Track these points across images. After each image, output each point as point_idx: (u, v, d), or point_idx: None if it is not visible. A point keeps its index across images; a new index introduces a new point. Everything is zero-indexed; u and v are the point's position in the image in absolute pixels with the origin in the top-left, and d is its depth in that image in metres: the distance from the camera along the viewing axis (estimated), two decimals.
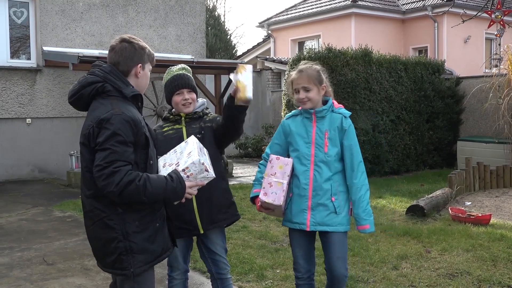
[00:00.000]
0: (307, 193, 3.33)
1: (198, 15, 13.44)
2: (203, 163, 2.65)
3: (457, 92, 12.25)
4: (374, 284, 4.60)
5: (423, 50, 18.96)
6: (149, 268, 2.71)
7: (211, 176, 2.71)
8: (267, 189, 3.29)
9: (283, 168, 3.32)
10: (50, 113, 11.38)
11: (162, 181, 2.58)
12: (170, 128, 3.45)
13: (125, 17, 12.27)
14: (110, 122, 2.53)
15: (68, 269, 5.13)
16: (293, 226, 3.40)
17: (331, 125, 3.36)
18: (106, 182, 2.48)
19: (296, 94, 3.39)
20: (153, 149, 2.76)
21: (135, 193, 2.50)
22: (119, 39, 2.75)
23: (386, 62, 11.12)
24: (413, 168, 11.58)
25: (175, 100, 3.42)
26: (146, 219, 2.66)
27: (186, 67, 3.53)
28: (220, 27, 28.83)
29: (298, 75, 3.39)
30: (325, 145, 3.34)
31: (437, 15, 17.85)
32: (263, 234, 6.21)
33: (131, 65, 2.72)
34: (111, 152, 2.50)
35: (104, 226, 2.61)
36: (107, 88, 2.65)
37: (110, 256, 2.63)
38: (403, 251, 5.49)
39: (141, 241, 2.63)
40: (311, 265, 3.51)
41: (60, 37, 11.47)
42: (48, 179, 10.85)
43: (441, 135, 11.96)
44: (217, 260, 3.48)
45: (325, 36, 18.70)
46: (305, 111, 3.41)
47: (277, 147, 3.50)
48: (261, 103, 16.12)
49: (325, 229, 3.33)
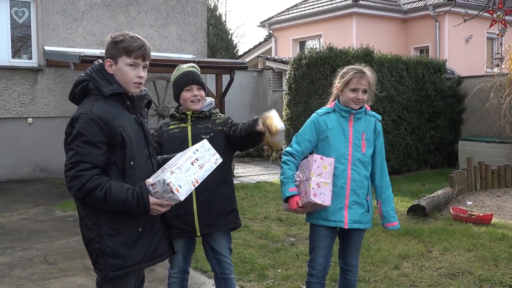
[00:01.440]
0: (345, 192, 3.39)
1: (199, 14, 13.44)
2: (168, 184, 2.44)
3: (458, 92, 12.23)
4: (376, 284, 4.60)
5: (424, 49, 18.94)
6: (125, 274, 2.59)
7: (177, 198, 2.48)
8: (316, 190, 3.26)
9: (327, 168, 3.32)
10: (51, 113, 11.38)
11: (122, 195, 2.45)
12: (176, 127, 3.41)
13: (126, 16, 12.27)
14: (77, 121, 2.49)
15: (70, 268, 5.14)
16: (329, 224, 3.41)
17: (367, 127, 3.47)
18: (70, 185, 2.47)
19: (354, 92, 3.39)
20: (136, 150, 2.61)
21: (96, 202, 2.46)
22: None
23: (388, 62, 11.11)
24: (414, 168, 11.58)
25: (184, 96, 3.39)
26: (124, 223, 2.56)
27: (195, 65, 3.52)
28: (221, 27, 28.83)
29: (363, 76, 3.41)
30: (363, 146, 3.43)
31: (439, 15, 17.83)
32: (264, 234, 6.21)
33: (104, 61, 2.65)
34: (75, 152, 2.46)
35: (85, 225, 2.59)
36: (90, 86, 2.60)
37: (91, 255, 2.62)
38: (405, 250, 5.49)
39: (115, 245, 2.54)
40: (328, 264, 3.55)
41: (62, 36, 11.47)
42: (49, 178, 10.85)
43: (442, 135, 11.94)
44: (221, 260, 3.49)
45: (326, 35, 18.69)
46: (343, 110, 3.43)
47: (308, 143, 3.45)
48: (262, 103, 16.12)
49: (359, 226, 3.46)
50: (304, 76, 10.86)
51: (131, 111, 2.68)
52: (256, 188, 9.37)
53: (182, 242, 3.41)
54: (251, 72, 16.17)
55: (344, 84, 3.41)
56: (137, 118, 2.71)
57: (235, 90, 14.27)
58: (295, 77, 11.05)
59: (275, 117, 3.06)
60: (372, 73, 3.49)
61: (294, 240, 6.02)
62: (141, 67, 2.65)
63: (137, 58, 2.62)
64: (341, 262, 3.62)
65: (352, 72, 3.42)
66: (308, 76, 10.82)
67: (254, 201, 8.21)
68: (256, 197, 8.49)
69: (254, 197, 8.41)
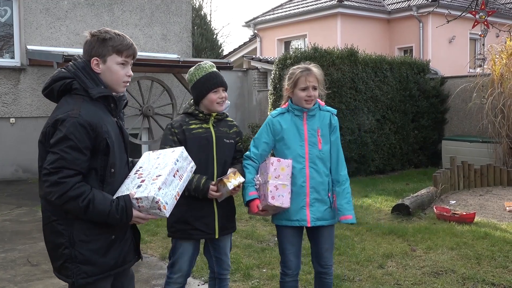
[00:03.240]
0: (305, 190, 3.39)
1: (184, 14, 13.40)
2: (157, 202, 2.42)
3: (441, 92, 12.35)
4: (360, 283, 4.62)
5: (408, 50, 19.09)
6: (96, 281, 2.52)
7: (163, 215, 2.47)
8: (274, 193, 3.28)
9: (285, 170, 3.33)
10: (34, 113, 11.27)
11: (105, 208, 2.39)
12: (198, 126, 3.36)
13: (111, 16, 12.19)
14: (64, 124, 2.36)
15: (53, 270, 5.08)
16: (292, 223, 3.42)
17: (322, 123, 3.46)
18: (49, 190, 2.35)
19: (304, 91, 3.38)
20: (118, 157, 2.56)
21: (76, 211, 2.38)
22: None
23: (372, 62, 11.17)
24: (398, 167, 11.66)
25: (212, 98, 3.36)
26: (98, 230, 2.48)
27: (214, 64, 3.51)
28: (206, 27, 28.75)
29: (310, 73, 3.41)
30: (319, 142, 3.42)
31: (422, 15, 17.99)
32: (250, 234, 6.21)
33: (88, 59, 2.53)
34: (59, 157, 2.34)
35: (53, 229, 2.49)
36: (75, 85, 2.48)
37: (58, 261, 2.52)
38: (389, 249, 5.52)
39: (87, 251, 2.47)
40: (300, 262, 3.57)
41: (45, 36, 11.36)
42: (32, 179, 10.74)
43: (426, 135, 12.05)
44: (222, 260, 3.52)
45: (311, 35, 18.74)
46: (296, 110, 3.43)
47: (265, 146, 3.47)
48: (247, 103, 16.12)
49: (323, 223, 3.44)
50: None
51: (113, 114, 2.62)
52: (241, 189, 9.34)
53: (192, 246, 3.40)
54: (236, 72, 16.14)
55: (293, 85, 3.42)
56: (118, 122, 2.65)
57: None
58: (280, 77, 11.05)
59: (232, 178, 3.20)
60: (318, 69, 3.48)
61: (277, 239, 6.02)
62: (129, 65, 2.61)
63: (128, 57, 2.57)
64: (316, 265, 3.56)
65: (298, 71, 3.43)
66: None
67: (239, 201, 8.18)
68: (240, 197, 8.48)
69: (239, 197, 8.39)
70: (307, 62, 3.60)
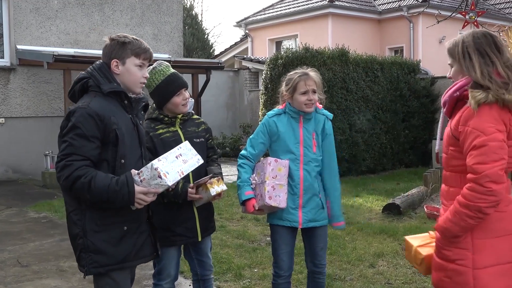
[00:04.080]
0: (298, 192, 3.41)
1: (175, 14, 13.37)
2: (156, 168, 2.49)
3: (432, 92, 12.41)
4: (351, 282, 4.64)
5: (399, 50, 19.17)
6: (109, 272, 2.60)
7: (164, 184, 2.51)
8: (271, 193, 3.30)
9: (282, 171, 3.35)
10: (24, 113, 11.20)
11: (106, 182, 2.48)
12: (165, 131, 3.31)
13: (101, 15, 12.14)
14: (73, 115, 2.53)
15: (43, 270, 5.06)
16: (284, 223, 3.43)
17: (317, 126, 3.49)
18: (59, 175, 2.49)
19: (304, 95, 3.38)
20: (128, 149, 2.64)
21: (81, 190, 2.47)
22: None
23: (363, 62, 11.21)
24: (389, 167, 11.71)
25: (176, 101, 3.28)
26: (109, 219, 2.58)
27: (169, 64, 3.41)
28: (197, 26, 28.73)
29: (309, 77, 3.42)
30: (314, 145, 3.45)
31: (413, 16, 18.06)
32: (241, 234, 6.21)
33: (108, 61, 2.68)
34: (68, 144, 2.49)
35: (71, 220, 2.62)
36: (90, 83, 2.64)
37: (76, 251, 2.64)
38: (380, 249, 5.55)
39: (99, 241, 2.56)
40: (292, 263, 3.59)
41: (35, 35, 11.29)
42: (22, 179, 10.67)
43: (416, 134, 12.11)
44: (204, 262, 3.52)
45: (302, 35, 18.76)
46: (292, 112, 3.45)
47: (261, 146, 3.48)
48: (239, 103, 16.12)
49: (315, 224, 3.47)
50: (280, 76, 10.77)
51: (128, 110, 2.73)
52: (232, 188, 9.32)
53: (176, 250, 3.40)
54: (228, 72, 16.14)
55: (293, 90, 3.42)
56: (133, 118, 2.75)
57: (212, 90, 14.22)
58: (272, 77, 11.07)
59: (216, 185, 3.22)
60: (316, 73, 3.50)
61: (270, 239, 6.02)
62: (146, 68, 2.78)
63: (145, 59, 2.73)
64: (310, 264, 3.58)
65: (296, 76, 3.44)
66: (284, 76, 10.84)
67: (231, 201, 8.20)
68: (232, 197, 8.47)
69: (231, 197, 8.39)
70: (304, 66, 3.63)
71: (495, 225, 2.49)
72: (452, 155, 2.59)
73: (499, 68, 2.47)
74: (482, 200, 2.37)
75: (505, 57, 2.51)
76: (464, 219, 2.43)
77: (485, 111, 2.41)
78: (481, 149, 2.38)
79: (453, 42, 2.66)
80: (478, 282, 2.48)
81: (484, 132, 2.39)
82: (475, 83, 2.48)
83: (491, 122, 2.40)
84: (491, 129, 2.39)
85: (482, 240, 2.49)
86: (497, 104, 2.42)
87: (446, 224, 2.51)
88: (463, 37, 2.60)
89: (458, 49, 2.60)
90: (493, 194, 2.37)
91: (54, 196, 8.70)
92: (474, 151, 2.40)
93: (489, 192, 2.36)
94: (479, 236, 2.49)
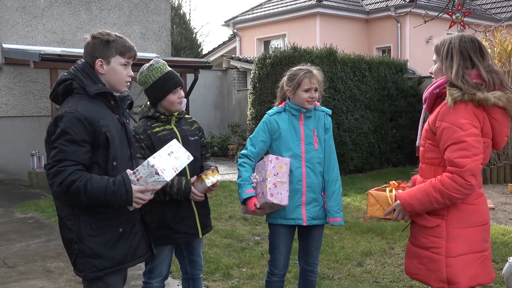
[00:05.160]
0: (302, 189, 3.41)
1: (163, 13, 13.32)
2: (152, 166, 2.50)
3: (419, 91, 12.48)
4: (339, 281, 4.65)
5: (386, 50, 19.27)
6: (106, 275, 2.60)
7: (162, 180, 2.52)
8: (273, 190, 3.28)
9: (283, 168, 3.34)
10: (10, 112, 11.09)
11: (103, 183, 2.45)
12: (162, 129, 3.32)
13: (88, 14, 12.06)
14: (62, 120, 2.48)
15: (30, 271, 5.02)
16: (288, 222, 3.43)
17: (318, 123, 3.51)
18: (52, 182, 2.45)
19: (307, 92, 3.40)
20: (119, 150, 2.63)
21: (77, 194, 2.43)
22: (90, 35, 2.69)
23: (351, 62, 11.25)
24: (377, 166, 11.76)
25: (171, 99, 3.29)
26: (104, 223, 2.57)
27: (165, 62, 3.43)
28: (185, 26, 28.66)
29: (313, 75, 3.43)
30: (315, 142, 3.46)
31: (400, 16, 18.17)
32: (230, 233, 6.21)
33: (92, 61, 2.63)
34: (59, 151, 2.44)
35: (64, 226, 2.60)
36: (74, 85, 2.59)
37: (71, 256, 2.62)
38: (368, 248, 5.57)
39: (96, 245, 2.54)
40: (288, 262, 3.59)
41: (21, 34, 11.19)
42: (8, 179, 10.54)
43: (404, 134, 12.17)
44: (194, 261, 3.52)
45: (290, 35, 18.80)
46: (293, 109, 3.46)
47: (262, 144, 3.48)
48: (227, 102, 16.10)
49: (318, 222, 3.48)
50: (268, 76, 10.89)
51: (115, 111, 2.70)
52: (220, 188, 9.34)
53: (171, 249, 3.39)
54: (216, 71, 16.12)
55: (296, 86, 3.43)
56: (120, 118, 2.73)
57: (200, 90, 14.20)
58: (260, 77, 11.07)
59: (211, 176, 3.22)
60: (320, 72, 3.53)
61: (259, 239, 6.03)
62: (130, 66, 2.72)
63: (130, 58, 2.69)
64: (302, 263, 3.60)
65: (302, 73, 3.45)
66: (272, 75, 10.85)
67: (219, 200, 8.19)
68: (221, 196, 8.47)
69: (219, 197, 8.39)
70: (308, 64, 3.64)
71: (469, 216, 2.68)
72: (428, 148, 2.76)
73: (481, 72, 2.62)
74: (458, 192, 2.56)
75: (487, 63, 2.67)
76: (432, 202, 2.64)
77: (461, 108, 2.58)
78: (461, 144, 2.54)
79: (441, 41, 2.79)
80: (450, 269, 2.67)
81: (461, 128, 2.55)
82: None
83: (467, 119, 2.56)
84: (468, 125, 2.55)
85: (456, 230, 2.68)
86: (473, 102, 2.58)
87: (411, 200, 2.73)
88: (451, 38, 2.75)
89: (444, 48, 2.74)
90: (470, 188, 2.56)
91: (41, 196, 8.63)
92: (454, 146, 2.56)
93: (468, 186, 2.55)
94: (453, 226, 2.68)
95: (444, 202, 2.60)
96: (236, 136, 14.23)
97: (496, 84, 2.62)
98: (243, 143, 12.03)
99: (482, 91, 2.56)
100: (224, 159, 13.59)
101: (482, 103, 2.57)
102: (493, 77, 2.63)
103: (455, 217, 2.67)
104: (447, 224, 2.68)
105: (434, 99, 2.75)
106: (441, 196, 2.59)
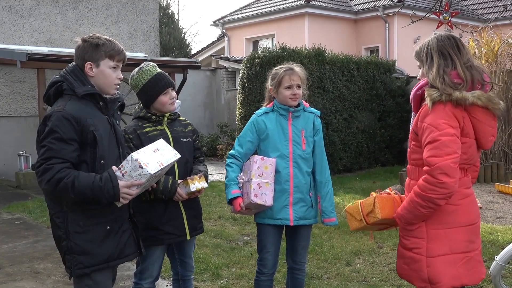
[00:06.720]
0: (289, 190, 3.42)
1: (152, 12, 13.28)
2: (136, 159, 2.54)
3: (407, 91, 12.54)
4: (328, 281, 4.67)
5: (374, 50, 19.35)
6: (93, 272, 2.64)
7: (146, 173, 2.56)
8: (257, 190, 3.29)
9: (268, 169, 3.35)
10: None
11: (90, 179, 2.51)
12: (153, 129, 3.32)
13: (76, 13, 11.98)
14: (50, 119, 2.54)
15: (17, 273, 4.98)
16: (275, 222, 3.43)
17: (307, 124, 3.52)
18: (40, 179, 2.50)
19: (289, 89, 3.41)
20: (107, 149, 2.68)
21: (65, 191, 2.48)
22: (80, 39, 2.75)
23: (339, 62, 11.29)
24: (365, 166, 11.81)
25: (163, 100, 3.30)
26: (92, 220, 2.62)
27: (155, 64, 3.45)
28: (174, 25, 28.55)
29: (294, 72, 3.45)
30: (303, 143, 3.47)
31: (388, 16, 18.25)
32: (219, 233, 6.20)
33: (82, 64, 2.69)
34: (47, 149, 2.50)
35: (54, 223, 2.67)
36: (64, 87, 2.66)
37: (61, 253, 2.68)
38: (356, 247, 5.59)
39: (82, 242, 2.59)
40: (277, 261, 3.60)
41: (7, 33, 11.09)
42: None
43: (392, 133, 12.24)
44: (186, 262, 3.52)
45: (279, 35, 18.82)
46: (281, 109, 3.46)
47: (249, 145, 3.49)
48: (216, 102, 16.08)
49: (305, 222, 3.48)
50: (257, 76, 10.90)
51: (104, 111, 2.75)
52: (210, 188, 9.32)
53: (162, 250, 3.38)
54: (205, 71, 16.09)
55: (278, 84, 3.45)
56: (110, 119, 2.77)
57: (188, 89, 14.16)
58: (249, 77, 11.08)
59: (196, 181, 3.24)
60: (301, 69, 3.54)
61: (248, 239, 6.04)
62: (120, 69, 2.79)
63: (119, 61, 2.75)
64: (289, 261, 3.62)
65: (282, 71, 3.47)
66: (261, 75, 10.85)
67: (208, 200, 8.18)
68: (210, 196, 8.46)
69: (208, 197, 8.38)
70: (290, 62, 3.65)
71: (448, 217, 2.68)
72: (413, 149, 2.78)
73: (458, 68, 2.63)
74: (433, 192, 2.55)
75: (465, 58, 2.67)
76: (417, 208, 2.63)
77: (439, 109, 2.60)
78: (435, 143, 2.55)
79: (420, 45, 2.84)
80: (431, 269, 2.69)
81: (437, 128, 2.57)
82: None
83: (444, 119, 2.58)
84: (444, 125, 2.56)
85: (435, 230, 2.69)
86: (451, 102, 2.59)
87: (402, 211, 2.74)
88: (429, 41, 2.79)
89: (423, 52, 2.79)
90: (444, 187, 2.53)
91: (28, 197, 8.56)
92: (429, 145, 2.57)
93: (440, 184, 2.53)
94: (433, 226, 2.69)
95: (428, 206, 2.59)
96: (225, 136, 14.21)
97: (475, 81, 2.61)
98: (232, 143, 12.01)
99: (460, 91, 2.57)
100: (213, 159, 13.57)
101: (461, 103, 2.58)
102: (473, 73, 2.62)
103: (434, 217, 2.67)
104: (426, 225, 2.69)
105: (419, 100, 2.77)
106: (422, 199, 2.59)
